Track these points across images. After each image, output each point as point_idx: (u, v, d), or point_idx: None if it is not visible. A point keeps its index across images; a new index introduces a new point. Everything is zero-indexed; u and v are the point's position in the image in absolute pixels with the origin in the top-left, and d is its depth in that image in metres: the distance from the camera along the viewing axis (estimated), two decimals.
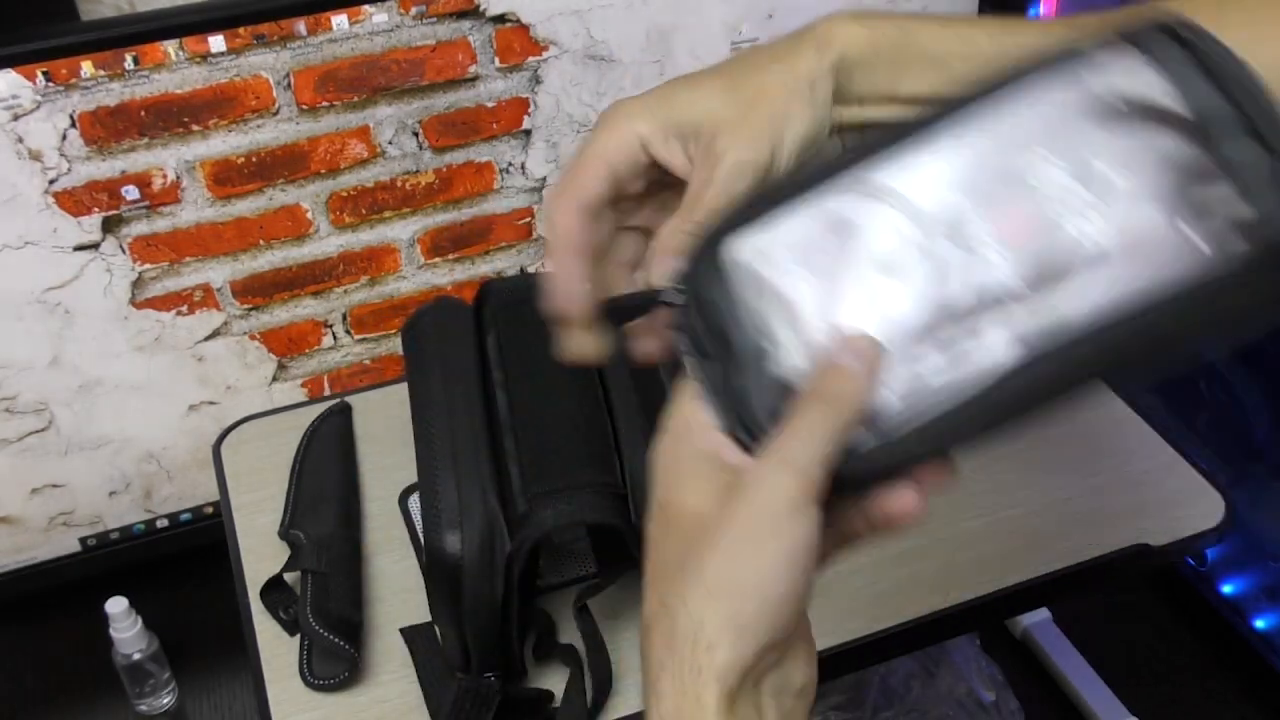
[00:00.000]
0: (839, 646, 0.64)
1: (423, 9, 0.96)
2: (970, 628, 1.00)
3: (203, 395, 1.07)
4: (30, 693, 1.09)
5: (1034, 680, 1.10)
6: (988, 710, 1.04)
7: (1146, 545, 0.70)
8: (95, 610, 0.99)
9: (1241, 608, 1.06)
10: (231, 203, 0.99)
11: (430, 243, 1.09)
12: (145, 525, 1.11)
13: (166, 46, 0.90)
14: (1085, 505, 0.72)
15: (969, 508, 0.72)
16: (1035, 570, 0.68)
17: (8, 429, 1.01)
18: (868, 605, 0.66)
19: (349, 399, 0.83)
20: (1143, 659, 1.11)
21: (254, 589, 0.68)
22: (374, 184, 1.03)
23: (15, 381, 0.99)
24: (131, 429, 1.05)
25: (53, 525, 1.07)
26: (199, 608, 1.12)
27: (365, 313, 1.10)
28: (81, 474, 1.06)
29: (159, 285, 1.00)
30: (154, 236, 0.97)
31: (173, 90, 0.92)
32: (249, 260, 1.02)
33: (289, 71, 0.95)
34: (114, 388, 1.03)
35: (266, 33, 0.92)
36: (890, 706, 1.04)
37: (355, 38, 0.95)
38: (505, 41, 1.00)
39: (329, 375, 1.12)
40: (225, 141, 0.96)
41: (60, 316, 0.97)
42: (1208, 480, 0.74)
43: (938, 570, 0.68)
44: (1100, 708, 1.04)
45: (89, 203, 0.93)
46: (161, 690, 1.05)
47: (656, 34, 1.06)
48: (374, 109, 0.99)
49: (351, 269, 1.07)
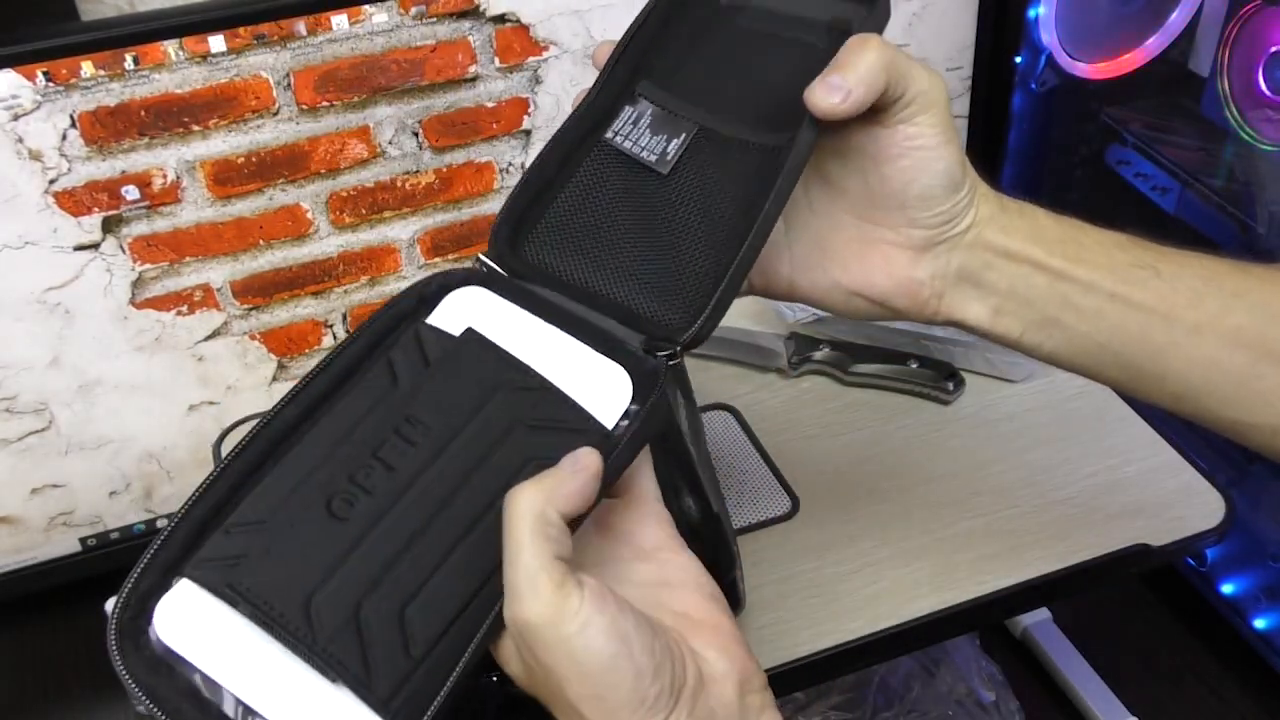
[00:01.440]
0: (839, 646, 0.64)
1: (423, 9, 0.96)
2: (970, 628, 1.00)
3: (203, 395, 1.07)
4: (30, 693, 1.09)
5: (1034, 680, 1.10)
6: (988, 710, 1.04)
7: (1146, 545, 0.70)
8: (95, 610, 0.98)
9: (1241, 608, 1.06)
10: (231, 203, 0.99)
11: (430, 243, 1.09)
12: (145, 525, 1.11)
13: (166, 46, 0.90)
14: (1085, 505, 0.72)
15: (969, 508, 0.72)
16: (1035, 570, 0.68)
17: (8, 429, 1.01)
18: (868, 605, 0.66)
19: None
20: (1143, 659, 1.10)
21: None
22: (374, 184, 1.03)
23: (15, 381, 0.99)
24: (131, 429, 1.05)
25: (53, 525, 1.07)
26: None
27: (365, 313, 1.10)
28: (81, 474, 1.06)
29: (159, 285, 1.00)
30: (154, 236, 0.97)
31: (173, 90, 0.92)
32: (249, 260, 1.02)
33: (289, 71, 0.95)
34: (114, 388, 1.03)
35: (266, 33, 0.92)
36: (890, 706, 1.04)
37: (355, 38, 0.95)
38: (505, 41, 1.00)
39: None
40: (225, 141, 0.96)
41: (60, 316, 0.97)
42: (1208, 480, 0.74)
43: (938, 570, 0.68)
44: (1100, 708, 1.04)
45: (89, 203, 0.93)
46: None
47: None
48: (374, 109, 0.99)
49: (351, 269, 1.07)
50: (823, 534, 0.71)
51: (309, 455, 0.46)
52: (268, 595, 0.42)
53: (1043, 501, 0.72)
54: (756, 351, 0.85)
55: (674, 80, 0.59)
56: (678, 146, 0.55)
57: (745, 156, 0.55)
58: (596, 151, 0.58)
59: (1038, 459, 0.75)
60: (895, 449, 0.77)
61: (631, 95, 0.58)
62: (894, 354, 0.83)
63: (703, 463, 0.66)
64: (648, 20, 0.60)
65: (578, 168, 0.57)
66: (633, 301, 0.54)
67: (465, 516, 0.44)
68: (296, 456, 0.46)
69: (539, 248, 0.56)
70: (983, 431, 0.78)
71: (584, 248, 0.55)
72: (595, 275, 0.55)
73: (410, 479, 0.44)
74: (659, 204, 0.56)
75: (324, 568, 0.42)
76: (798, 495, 0.74)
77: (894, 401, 0.81)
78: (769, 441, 0.78)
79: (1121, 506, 0.72)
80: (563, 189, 0.57)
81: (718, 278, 0.53)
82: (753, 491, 0.74)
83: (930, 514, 0.72)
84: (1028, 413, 0.79)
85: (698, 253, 0.55)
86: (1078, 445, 0.76)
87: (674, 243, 0.55)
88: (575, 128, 0.58)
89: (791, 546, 0.70)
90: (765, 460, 0.77)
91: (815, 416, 0.80)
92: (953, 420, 0.79)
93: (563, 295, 0.53)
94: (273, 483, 0.45)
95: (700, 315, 0.52)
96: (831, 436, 0.79)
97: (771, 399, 0.82)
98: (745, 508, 0.73)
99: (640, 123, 0.56)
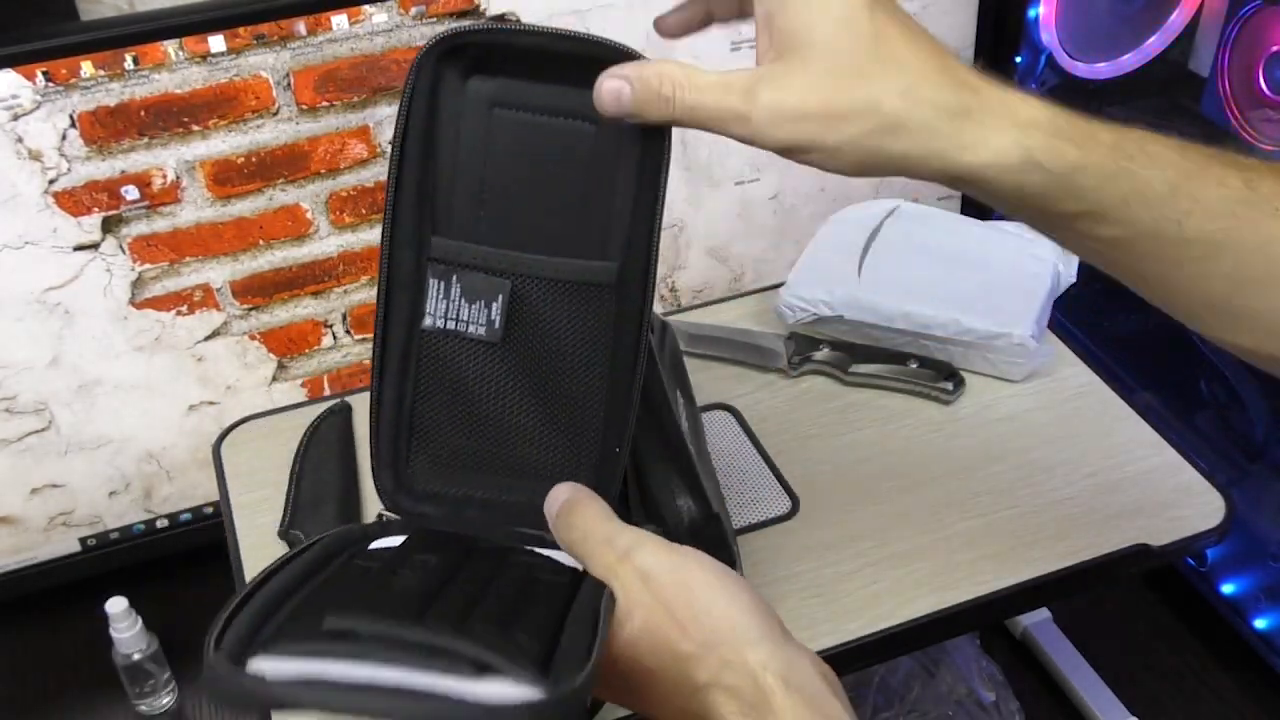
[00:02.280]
0: (839, 646, 0.64)
1: (423, 9, 0.96)
2: (970, 628, 1.00)
3: (203, 395, 1.07)
4: (30, 693, 1.09)
5: (1034, 680, 1.10)
6: (988, 710, 1.04)
7: (1146, 545, 0.70)
8: (95, 610, 0.99)
9: (1241, 608, 1.06)
10: (231, 203, 0.99)
11: None
12: (145, 525, 1.11)
13: (166, 46, 0.90)
14: (1085, 505, 0.72)
15: (969, 508, 0.72)
16: (1035, 570, 0.68)
17: (8, 429, 1.01)
18: (867, 605, 0.66)
19: (349, 399, 0.83)
20: (1143, 659, 1.10)
21: None
22: (374, 184, 1.03)
23: (15, 381, 0.99)
24: (131, 429, 1.05)
25: (52, 525, 1.07)
26: (199, 608, 1.12)
27: (365, 313, 1.10)
28: (81, 474, 1.06)
29: (159, 285, 1.00)
30: (154, 236, 0.97)
31: (173, 90, 0.92)
32: (249, 260, 1.02)
33: (289, 71, 0.95)
34: (114, 388, 1.02)
35: (266, 33, 0.92)
36: (890, 706, 1.04)
37: (355, 38, 0.95)
38: None
39: (329, 375, 1.12)
40: (225, 141, 0.96)
41: (60, 316, 0.97)
42: (1208, 480, 0.74)
43: (938, 570, 0.68)
44: (1100, 708, 1.04)
45: (89, 203, 0.93)
46: (161, 690, 1.05)
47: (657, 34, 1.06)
48: (374, 109, 0.99)
49: (351, 269, 1.07)
50: (823, 534, 0.71)
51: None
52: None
53: (1043, 501, 0.72)
54: (756, 351, 0.85)
55: (466, 225, 0.51)
56: (500, 310, 0.49)
57: (576, 299, 0.50)
58: (425, 346, 0.52)
59: (1038, 459, 0.75)
60: (895, 449, 0.77)
61: (429, 262, 0.51)
62: (894, 354, 0.83)
63: (703, 462, 0.66)
64: (403, 167, 0.50)
65: (419, 372, 0.52)
66: (531, 496, 0.51)
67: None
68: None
69: (422, 477, 0.52)
70: (983, 431, 0.78)
71: (465, 461, 0.52)
72: (487, 482, 0.52)
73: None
74: (511, 378, 0.51)
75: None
76: (798, 495, 0.74)
77: (894, 401, 0.81)
78: (769, 441, 0.78)
79: (1121, 506, 0.72)
80: (418, 400, 0.52)
81: (603, 440, 0.52)
82: (753, 491, 0.74)
83: (930, 514, 0.72)
84: (1028, 413, 0.79)
85: (562, 428, 0.52)
86: (1078, 445, 0.76)
87: (546, 418, 0.52)
88: (394, 324, 0.52)
89: (791, 546, 0.70)
90: (765, 460, 0.77)
91: (815, 416, 0.80)
92: (953, 420, 0.79)
93: (466, 516, 0.51)
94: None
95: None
96: (831, 436, 0.79)
97: (771, 399, 0.82)
98: (745, 508, 0.73)
99: (452, 293, 0.50)
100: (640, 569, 0.45)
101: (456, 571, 0.43)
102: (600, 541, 0.46)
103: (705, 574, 0.45)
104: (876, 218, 0.92)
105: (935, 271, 0.86)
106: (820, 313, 0.86)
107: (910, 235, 0.90)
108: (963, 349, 0.82)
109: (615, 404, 0.52)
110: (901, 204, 0.94)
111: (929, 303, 0.83)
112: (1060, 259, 0.87)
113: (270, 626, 0.40)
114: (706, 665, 0.42)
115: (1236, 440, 1.06)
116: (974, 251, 0.88)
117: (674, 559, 0.45)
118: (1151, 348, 1.15)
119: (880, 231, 0.90)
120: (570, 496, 0.49)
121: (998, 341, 0.81)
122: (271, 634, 0.39)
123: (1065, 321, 1.06)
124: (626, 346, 0.51)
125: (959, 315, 0.81)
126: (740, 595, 0.45)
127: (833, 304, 0.85)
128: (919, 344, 0.84)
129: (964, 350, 0.82)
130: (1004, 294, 0.83)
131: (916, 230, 0.91)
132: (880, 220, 0.91)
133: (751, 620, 0.44)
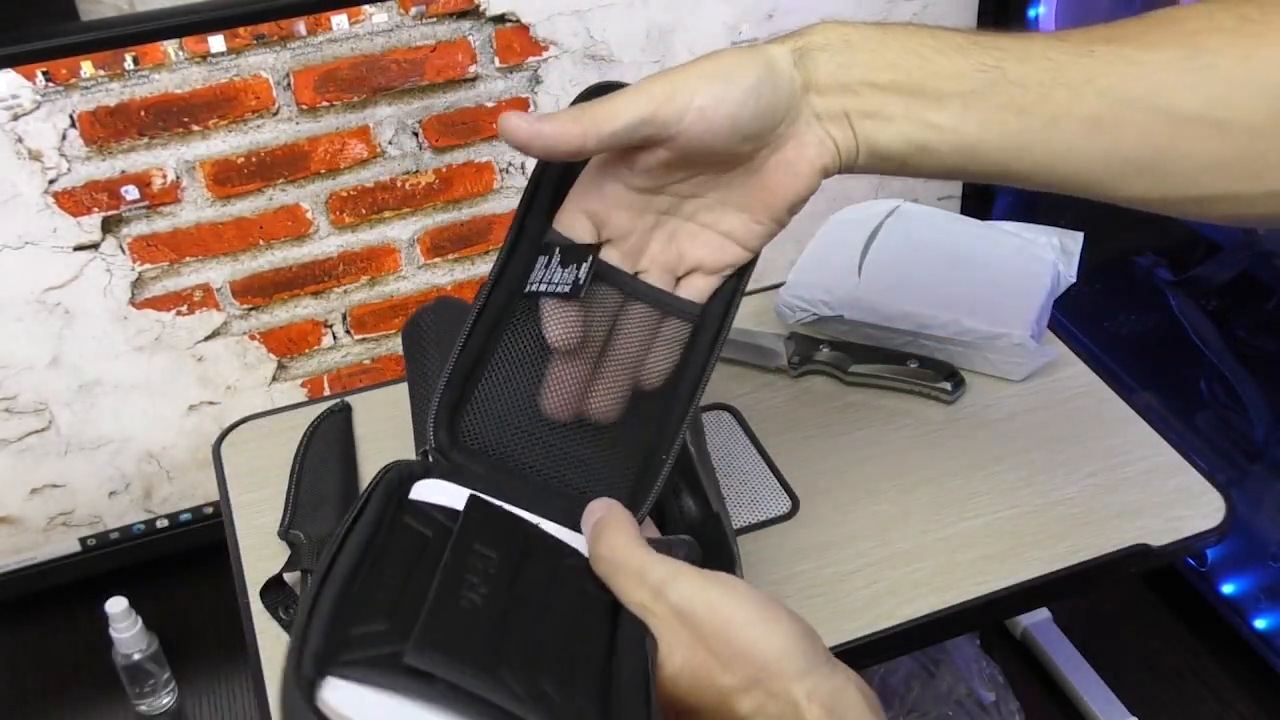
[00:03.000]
0: (839, 647, 0.64)
1: (422, 9, 0.96)
2: (970, 628, 1.00)
3: (203, 395, 1.07)
4: (30, 693, 1.09)
5: (1034, 680, 1.10)
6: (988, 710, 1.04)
7: (1146, 545, 0.69)
8: (95, 610, 0.99)
9: (1241, 608, 1.06)
10: (231, 203, 0.99)
11: (430, 243, 1.09)
12: (145, 525, 1.11)
13: (166, 46, 0.90)
14: (1085, 505, 0.72)
15: (969, 508, 0.72)
16: (1035, 570, 0.68)
17: (8, 429, 1.01)
18: (867, 605, 0.66)
19: (349, 399, 0.83)
20: (1143, 659, 1.11)
21: (254, 589, 0.68)
22: (374, 184, 1.03)
23: (15, 381, 0.99)
24: (131, 429, 1.05)
25: (52, 525, 1.07)
26: (199, 608, 1.12)
27: (365, 313, 1.10)
28: (81, 474, 1.06)
29: (159, 285, 1.00)
30: (154, 236, 0.97)
31: (173, 90, 0.92)
32: (249, 260, 1.02)
33: (289, 71, 0.95)
34: (114, 388, 1.03)
35: (266, 33, 0.92)
36: (890, 706, 1.04)
37: (355, 38, 0.95)
38: (505, 41, 1.01)
39: (329, 375, 1.12)
40: (225, 141, 0.96)
41: (60, 316, 0.97)
42: (1208, 480, 0.74)
43: (938, 570, 0.68)
44: (1100, 708, 1.04)
45: (89, 203, 0.93)
46: (161, 690, 1.05)
47: (656, 34, 1.06)
48: (374, 109, 0.99)
49: (351, 269, 1.07)
50: (823, 534, 0.71)
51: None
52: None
53: (1043, 501, 0.72)
54: (757, 351, 0.85)
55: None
56: (586, 270, 0.53)
57: (660, 319, 0.56)
58: (519, 309, 0.56)
59: (1038, 459, 0.75)
60: (895, 449, 0.77)
61: (543, 246, 0.56)
62: (894, 354, 0.83)
63: (703, 462, 0.66)
64: (545, 174, 0.58)
65: (509, 331, 0.55)
66: (580, 487, 0.54)
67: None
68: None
69: (477, 432, 0.54)
70: (983, 431, 0.78)
71: (516, 430, 0.54)
72: (536, 455, 0.54)
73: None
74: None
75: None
76: (798, 495, 0.74)
77: (894, 401, 0.81)
78: (769, 441, 0.78)
79: (1121, 506, 0.72)
80: (487, 364, 0.55)
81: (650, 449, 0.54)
82: (753, 491, 0.74)
83: (930, 514, 0.72)
84: (1028, 413, 0.79)
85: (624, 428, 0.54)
86: (1078, 445, 0.76)
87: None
88: (502, 285, 0.57)
89: (791, 546, 0.70)
90: (765, 460, 0.77)
91: (815, 416, 0.80)
92: (953, 420, 0.79)
93: (507, 482, 0.52)
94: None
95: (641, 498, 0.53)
96: (831, 436, 0.79)
97: (771, 399, 0.82)
98: (745, 508, 0.73)
99: (552, 264, 0.55)
100: (676, 608, 0.44)
101: (513, 582, 0.44)
102: (633, 575, 0.46)
103: (744, 607, 0.44)
104: (876, 218, 0.92)
105: (935, 271, 0.86)
106: (820, 312, 0.86)
107: (910, 235, 0.90)
108: (963, 349, 0.82)
109: (669, 415, 0.55)
110: (901, 204, 0.94)
111: (929, 303, 0.83)
112: (1060, 259, 0.87)
113: (342, 626, 0.40)
114: (751, 697, 0.42)
115: (1236, 440, 1.06)
116: (974, 251, 0.88)
117: (710, 594, 0.44)
118: (1151, 348, 1.15)
119: (880, 231, 0.90)
120: (603, 517, 0.49)
121: (998, 341, 0.81)
122: (344, 646, 0.39)
123: (1065, 321, 1.06)
124: (695, 366, 0.56)
125: (959, 315, 0.81)
126: (780, 625, 0.44)
127: (833, 304, 0.85)
128: (919, 344, 0.84)
129: (964, 350, 0.82)
130: (1004, 294, 0.83)
131: (916, 230, 0.90)
132: (880, 220, 0.91)
133: (795, 648, 0.43)
